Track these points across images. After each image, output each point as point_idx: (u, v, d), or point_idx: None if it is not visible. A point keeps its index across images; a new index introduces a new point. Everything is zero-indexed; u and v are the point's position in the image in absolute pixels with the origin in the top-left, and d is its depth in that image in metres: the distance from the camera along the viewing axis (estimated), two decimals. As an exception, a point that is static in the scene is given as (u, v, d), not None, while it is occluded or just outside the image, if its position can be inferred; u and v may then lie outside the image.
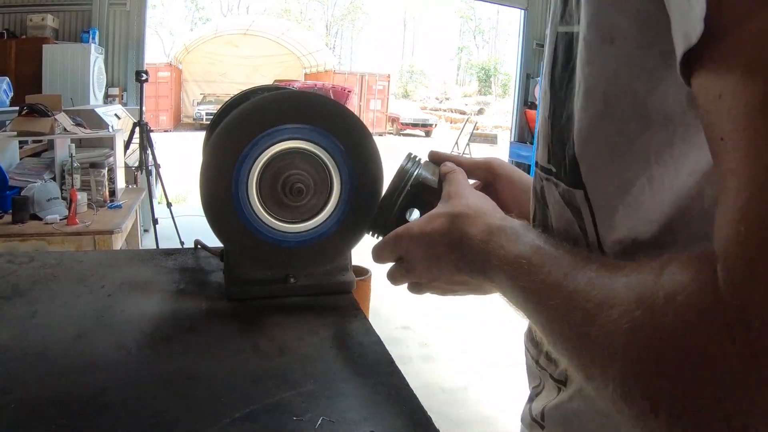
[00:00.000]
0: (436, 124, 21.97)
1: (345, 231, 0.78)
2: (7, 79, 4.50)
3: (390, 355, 0.64)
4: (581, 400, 0.44)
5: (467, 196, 0.54)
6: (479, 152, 10.40)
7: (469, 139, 8.94)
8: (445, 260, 0.52)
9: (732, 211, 0.25)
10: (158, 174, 4.30)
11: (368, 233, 0.69)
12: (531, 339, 0.52)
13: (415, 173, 0.64)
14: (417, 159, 0.67)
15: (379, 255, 0.59)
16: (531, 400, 0.53)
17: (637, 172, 0.36)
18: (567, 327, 0.34)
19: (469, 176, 0.63)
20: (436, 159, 0.67)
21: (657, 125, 0.35)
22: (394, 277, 0.60)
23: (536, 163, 0.47)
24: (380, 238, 0.64)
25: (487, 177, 0.66)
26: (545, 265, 0.38)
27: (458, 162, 0.65)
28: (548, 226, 0.46)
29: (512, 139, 8.10)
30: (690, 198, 0.35)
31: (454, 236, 0.50)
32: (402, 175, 0.63)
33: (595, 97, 0.37)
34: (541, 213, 0.48)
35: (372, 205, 0.75)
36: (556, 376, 0.48)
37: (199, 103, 18.41)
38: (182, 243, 3.90)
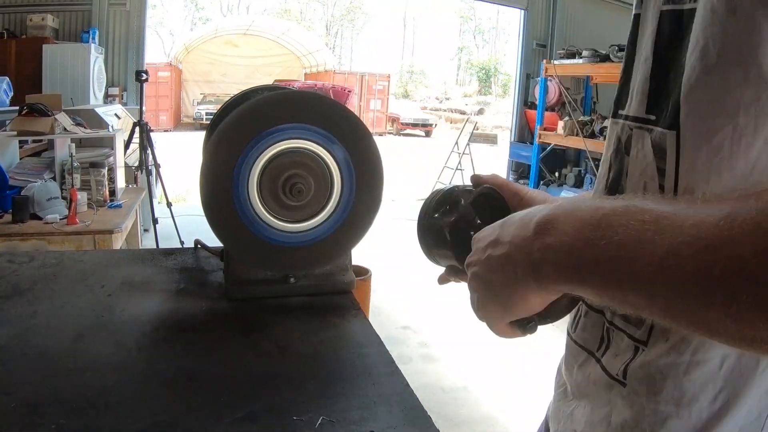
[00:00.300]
0: (436, 124, 21.97)
1: (345, 231, 0.78)
2: (7, 78, 4.50)
3: (390, 355, 0.64)
4: (668, 358, 0.48)
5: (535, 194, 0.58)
6: (479, 152, 10.40)
7: (469, 139, 8.93)
8: (504, 271, 0.48)
9: None
10: (158, 174, 4.30)
11: (442, 258, 0.63)
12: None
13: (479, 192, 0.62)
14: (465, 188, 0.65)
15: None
16: (598, 360, 0.56)
17: (726, 120, 0.43)
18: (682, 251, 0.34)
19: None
20: (477, 182, 0.67)
21: (752, 81, 0.41)
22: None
23: (625, 116, 0.53)
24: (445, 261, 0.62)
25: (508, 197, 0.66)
26: (640, 212, 0.39)
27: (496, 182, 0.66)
28: (622, 172, 0.52)
29: (512, 139, 8.09)
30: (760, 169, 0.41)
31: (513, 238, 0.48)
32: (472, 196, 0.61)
33: (710, 53, 0.44)
34: (617, 161, 0.54)
35: (373, 206, 0.75)
36: (637, 336, 0.51)
37: (199, 103, 18.40)
38: (182, 243, 3.90)
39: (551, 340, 0.68)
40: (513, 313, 0.48)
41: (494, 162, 10.47)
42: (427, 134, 21.14)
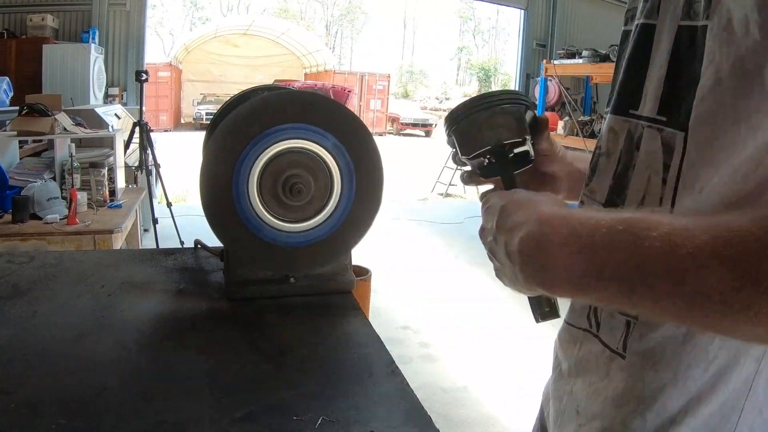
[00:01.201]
0: (436, 124, 21.96)
1: (345, 231, 0.78)
2: (7, 79, 4.50)
3: (390, 355, 0.64)
4: (667, 331, 0.53)
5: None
6: (479, 152, 10.36)
7: (469, 139, 8.92)
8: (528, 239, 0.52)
9: None
10: (158, 174, 4.30)
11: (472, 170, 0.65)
12: None
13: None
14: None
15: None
16: (595, 335, 0.61)
17: (729, 126, 0.48)
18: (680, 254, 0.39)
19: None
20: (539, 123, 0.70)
21: (755, 94, 0.46)
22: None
23: (638, 116, 0.58)
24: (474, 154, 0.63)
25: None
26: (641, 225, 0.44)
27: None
28: (630, 165, 0.58)
29: (512, 139, 8.09)
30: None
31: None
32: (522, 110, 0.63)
33: (722, 68, 0.49)
34: (627, 155, 0.59)
35: (373, 206, 0.75)
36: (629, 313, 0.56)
37: (199, 103, 18.39)
38: (182, 243, 3.89)
39: (551, 340, 0.68)
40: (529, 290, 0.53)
41: (494, 162, 10.43)
42: (427, 134, 21.13)
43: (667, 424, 0.56)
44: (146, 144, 4.10)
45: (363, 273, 2.91)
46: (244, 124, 0.71)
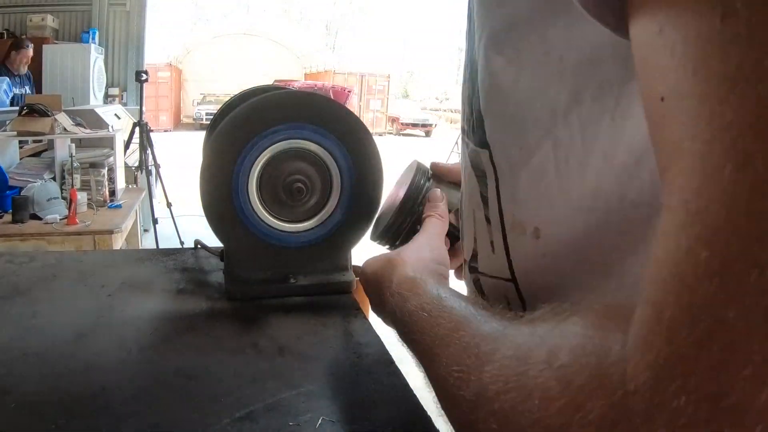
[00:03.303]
0: (436, 124, 21.96)
1: (345, 231, 0.78)
2: (7, 79, 4.50)
3: (390, 355, 0.64)
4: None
5: (409, 246, 0.56)
6: (479, 152, 10.36)
7: (469, 139, 8.93)
8: (377, 295, 0.56)
9: (671, 243, 0.17)
10: (158, 174, 4.30)
11: (380, 241, 0.74)
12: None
13: (425, 188, 0.68)
14: (427, 172, 0.71)
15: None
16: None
17: (540, 133, 0.31)
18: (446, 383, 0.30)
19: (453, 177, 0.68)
20: (436, 170, 0.71)
21: (565, 77, 0.29)
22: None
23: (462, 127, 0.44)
24: (386, 246, 0.70)
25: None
26: (441, 316, 0.35)
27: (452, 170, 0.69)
28: (464, 197, 0.45)
29: (512, 139, 8.09)
30: (621, 191, 0.29)
31: (378, 278, 0.55)
32: (418, 190, 0.68)
33: (500, 42, 0.31)
34: (466, 184, 0.44)
35: (372, 206, 0.75)
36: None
37: (199, 103, 18.40)
38: (182, 243, 3.90)
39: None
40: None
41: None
42: (427, 134, 21.13)
43: None
44: (146, 144, 4.10)
45: (363, 273, 2.91)
46: (244, 124, 0.71)
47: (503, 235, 0.37)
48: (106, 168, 3.37)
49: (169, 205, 4.22)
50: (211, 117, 0.94)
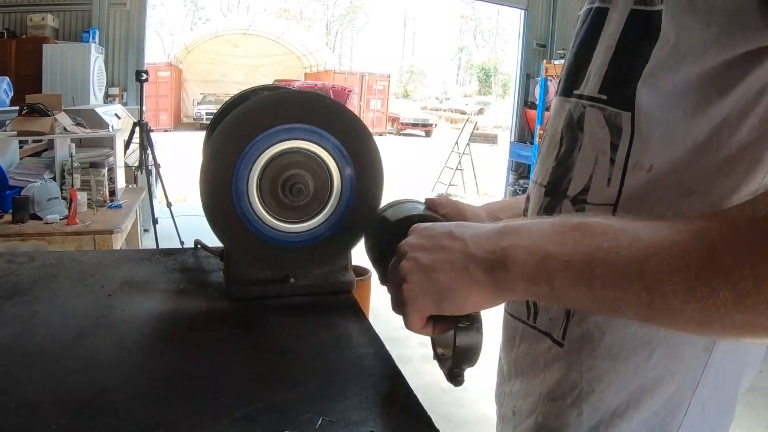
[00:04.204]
0: (436, 124, 21.96)
1: (345, 231, 0.78)
2: (7, 78, 4.50)
3: (390, 355, 0.64)
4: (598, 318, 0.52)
5: (470, 208, 0.61)
6: (479, 152, 10.40)
7: (469, 139, 8.93)
8: (453, 265, 0.47)
9: None
10: (158, 174, 4.30)
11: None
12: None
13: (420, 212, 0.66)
14: (416, 203, 0.70)
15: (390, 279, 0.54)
16: (532, 326, 0.60)
17: (679, 105, 0.48)
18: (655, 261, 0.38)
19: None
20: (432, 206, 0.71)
21: (704, 76, 0.47)
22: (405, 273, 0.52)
23: (579, 95, 0.56)
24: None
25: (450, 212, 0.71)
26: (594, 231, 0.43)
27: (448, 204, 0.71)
28: (575, 146, 0.56)
29: (512, 139, 8.09)
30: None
31: (466, 237, 0.48)
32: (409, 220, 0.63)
33: (679, 51, 0.48)
34: (569, 136, 0.57)
35: (373, 206, 0.75)
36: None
37: (199, 103, 18.39)
38: (182, 243, 3.90)
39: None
40: (443, 309, 0.47)
41: (494, 162, 10.47)
42: (427, 134, 21.13)
43: (606, 419, 0.52)
44: (146, 144, 4.10)
45: (363, 273, 2.91)
46: (244, 124, 0.71)
47: (623, 173, 0.51)
48: (106, 168, 3.37)
49: (169, 205, 4.22)
50: (211, 117, 0.94)
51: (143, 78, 4.14)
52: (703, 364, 0.51)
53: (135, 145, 4.29)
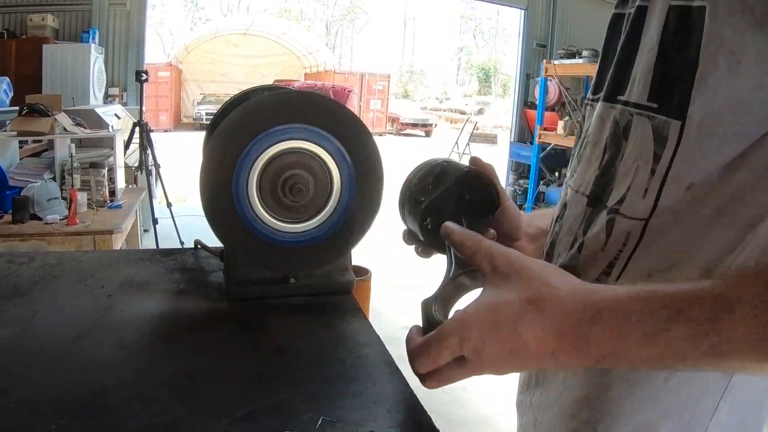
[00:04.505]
0: (436, 124, 21.96)
1: (345, 231, 0.78)
2: (7, 79, 4.50)
3: (390, 355, 0.64)
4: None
5: (536, 269, 0.46)
6: (479, 152, 10.38)
7: (469, 139, 8.93)
8: (536, 348, 0.44)
9: None
10: (158, 174, 4.30)
11: (415, 224, 0.61)
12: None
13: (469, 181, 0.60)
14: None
15: (437, 353, 0.47)
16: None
17: (734, 119, 0.45)
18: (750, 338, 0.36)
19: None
20: (473, 164, 0.67)
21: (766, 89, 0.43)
22: (450, 377, 0.48)
23: (625, 102, 0.54)
24: (420, 237, 0.61)
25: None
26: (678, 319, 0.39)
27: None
28: (618, 155, 0.54)
29: (512, 139, 8.09)
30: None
31: (550, 322, 0.43)
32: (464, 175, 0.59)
33: (733, 56, 0.45)
34: (614, 144, 0.55)
35: (373, 206, 0.75)
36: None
37: (199, 103, 18.39)
38: (182, 243, 3.90)
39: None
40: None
41: (494, 162, 10.44)
42: (427, 134, 21.13)
43: None
44: (146, 144, 4.10)
45: (363, 273, 2.91)
46: (244, 124, 0.71)
47: (661, 185, 0.49)
48: (106, 168, 3.37)
49: (169, 205, 4.22)
50: (211, 117, 0.94)
51: (143, 78, 4.14)
52: (722, 389, 0.49)
53: (135, 145, 4.29)
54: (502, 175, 8.21)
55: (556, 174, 7.20)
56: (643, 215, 0.50)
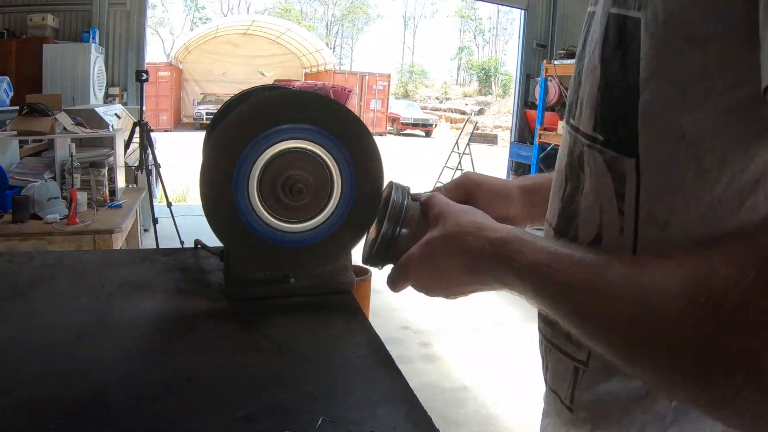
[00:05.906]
0: (436, 124, 21.97)
1: (345, 231, 0.78)
2: (7, 78, 4.50)
3: (390, 355, 0.64)
4: (619, 384, 0.46)
5: (454, 214, 0.56)
6: (479, 152, 10.39)
7: (469, 139, 8.93)
8: (455, 277, 0.54)
9: None
10: (158, 174, 4.30)
11: (371, 265, 0.71)
12: (544, 319, 0.54)
13: (406, 204, 0.66)
14: (404, 189, 0.70)
15: (395, 286, 0.63)
16: (545, 381, 0.56)
17: (688, 153, 0.38)
18: (606, 318, 0.37)
19: (449, 197, 0.65)
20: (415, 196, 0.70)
21: (729, 120, 0.36)
22: (395, 284, 0.63)
23: (576, 128, 0.48)
24: (378, 266, 0.70)
25: (468, 191, 0.69)
26: (569, 267, 0.41)
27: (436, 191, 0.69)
28: (579, 188, 0.48)
29: (512, 139, 8.10)
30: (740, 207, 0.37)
31: (458, 257, 0.53)
32: (397, 208, 0.66)
33: (665, 87, 0.38)
34: (573, 175, 0.49)
35: (373, 206, 0.75)
36: (577, 356, 0.49)
37: (199, 103, 18.40)
38: (182, 243, 3.90)
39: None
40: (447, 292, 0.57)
41: (494, 162, 10.48)
42: (427, 134, 21.14)
43: None
44: (146, 144, 4.10)
45: (363, 273, 2.91)
46: (244, 124, 0.71)
47: (635, 224, 0.43)
48: (106, 168, 3.37)
49: (169, 204, 4.22)
50: (211, 117, 0.94)
51: (143, 78, 4.14)
52: None
53: (135, 144, 4.29)
54: (503, 175, 8.21)
55: (556, 174, 7.18)
56: (626, 251, 0.45)
